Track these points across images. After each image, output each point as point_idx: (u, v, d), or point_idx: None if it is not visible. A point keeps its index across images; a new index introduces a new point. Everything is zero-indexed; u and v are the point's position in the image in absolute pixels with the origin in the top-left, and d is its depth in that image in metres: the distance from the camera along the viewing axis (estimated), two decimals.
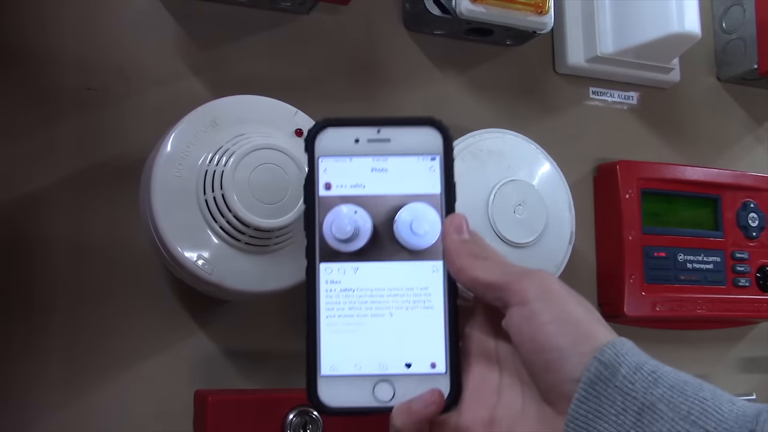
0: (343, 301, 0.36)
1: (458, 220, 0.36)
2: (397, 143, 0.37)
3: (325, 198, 0.37)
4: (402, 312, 0.36)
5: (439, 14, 0.65)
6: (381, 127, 0.37)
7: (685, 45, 0.72)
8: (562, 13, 0.74)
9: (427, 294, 0.37)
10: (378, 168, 0.37)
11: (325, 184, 0.37)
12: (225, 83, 0.60)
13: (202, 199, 0.48)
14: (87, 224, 0.55)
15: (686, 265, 0.73)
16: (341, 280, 0.36)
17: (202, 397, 0.52)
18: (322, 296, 0.36)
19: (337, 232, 0.36)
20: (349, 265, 0.36)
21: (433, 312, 0.36)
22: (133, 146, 0.56)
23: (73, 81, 0.56)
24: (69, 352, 0.54)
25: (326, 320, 0.36)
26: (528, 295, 0.33)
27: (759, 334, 0.82)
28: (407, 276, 0.37)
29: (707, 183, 0.76)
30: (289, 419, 0.51)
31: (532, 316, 0.33)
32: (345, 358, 0.36)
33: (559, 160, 0.65)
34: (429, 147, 0.37)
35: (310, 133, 0.37)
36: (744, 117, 0.85)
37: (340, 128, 0.37)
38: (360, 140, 0.37)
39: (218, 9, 0.61)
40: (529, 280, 0.34)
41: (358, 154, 0.37)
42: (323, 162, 0.37)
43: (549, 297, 0.33)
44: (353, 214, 0.37)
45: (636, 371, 0.31)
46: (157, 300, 0.57)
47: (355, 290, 0.36)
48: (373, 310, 0.36)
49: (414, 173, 0.37)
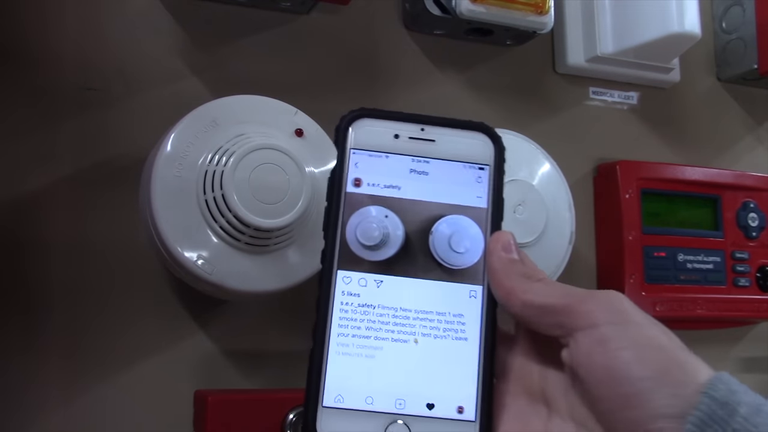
0: (360, 318, 0.31)
1: (506, 238, 0.32)
2: (442, 145, 0.33)
3: (353, 195, 0.32)
4: (429, 340, 0.31)
5: (439, 14, 0.65)
6: (425, 125, 0.33)
7: (685, 45, 0.72)
8: (562, 13, 0.74)
9: (461, 322, 0.32)
10: (418, 170, 0.33)
11: (354, 180, 0.32)
12: (225, 83, 0.60)
13: (202, 199, 0.48)
14: (87, 224, 0.55)
15: (686, 265, 0.73)
16: (361, 293, 0.31)
17: (202, 397, 0.52)
18: (335, 309, 0.31)
19: (363, 237, 0.32)
20: (372, 276, 0.32)
21: (467, 344, 0.31)
22: (133, 146, 0.56)
23: (73, 81, 0.56)
24: (68, 352, 0.54)
25: (337, 339, 0.31)
26: (597, 317, 0.29)
27: (759, 334, 0.82)
28: (440, 298, 0.32)
29: (707, 183, 0.76)
30: (289, 419, 0.51)
31: (606, 340, 0.28)
32: (355, 388, 0.30)
33: (559, 160, 0.65)
34: (478, 155, 0.34)
35: (343, 121, 0.33)
36: (744, 117, 0.85)
37: (378, 120, 0.33)
38: (400, 136, 0.33)
39: (218, 9, 0.61)
40: (597, 301, 0.29)
41: (397, 152, 0.33)
42: (355, 155, 0.32)
43: (623, 319, 0.29)
44: (383, 217, 0.32)
45: (757, 412, 0.26)
46: (157, 300, 0.57)
47: (376, 307, 0.31)
48: (395, 334, 0.31)
49: (458, 181, 0.33)
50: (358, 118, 0.33)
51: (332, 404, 0.30)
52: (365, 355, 0.31)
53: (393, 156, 0.33)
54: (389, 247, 0.32)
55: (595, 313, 0.29)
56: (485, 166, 0.34)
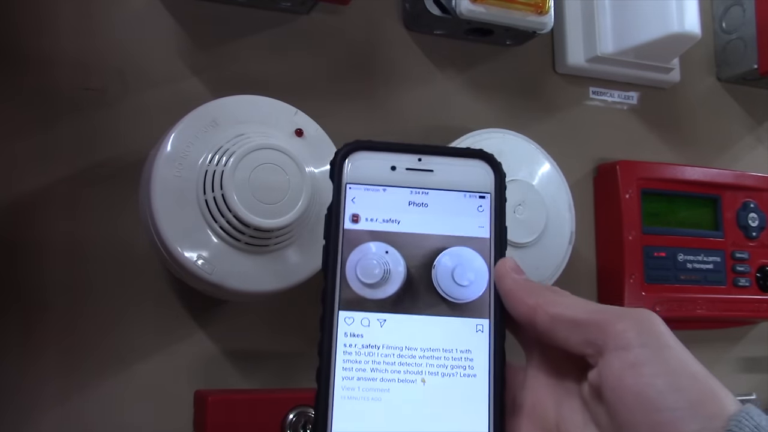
0: (365, 360, 0.30)
1: (512, 262, 0.31)
2: (440, 175, 0.32)
3: (351, 232, 0.31)
4: (437, 379, 0.30)
5: (439, 14, 0.65)
6: (422, 155, 0.32)
7: (685, 45, 0.72)
8: (562, 13, 0.74)
9: (468, 358, 0.31)
10: (417, 202, 0.32)
11: (352, 216, 0.31)
12: (225, 83, 0.60)
13: (202, 199, 0.48)
14: (86, 224, 0.55)
15: (686, 265, 0.73)
16: (364, 334, 0.30)
17: (202, 397, 0.52)
18: (338, 352, 0.30)
19: (363, 275, 0.31)
20: (375, 315, 0.31)
21: (476, 381, 0.30)
22: (133, 146, 0.56)
23: (72, 81, 0.56)
24: (68, 352, 0.54)
25: (342, 383, 0.30)
26: (631, 338, 0.27)
27: (759, 334, 0.82)
28: (446, 334, 0.31)
29: (707, 183, 0.76)
30: (289, 419, 0.51)
31: (639, 364, 0.27)
32: (364, 431, 0.30)
33: (559, 160, 0.65)
34: (478, 183, 0.33)
35: (337, 155, 0.32)
36: (744, 117, 0.85)
37: (373, 152, 0.32)
38: (397, 168, 0.32)
39: (218, 9, 0.61)
40: (631, 320, 0.28)
41: (395, 184, 0.32)
42: (351, 190, 0.32)
43: (659, 343, 0.27)
44: (384, 254, 0.31)
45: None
46: (157, 300, 0.57)
47: (380, 347, 0.31)
48: (401, 374, 0.30)
49: (459, 211, 0.32)
50: (352, 151, 0.32)
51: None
52: (371, 398, 0.30)
53: (390, 189, 0.32)
54: (391, 284, 0.31)
55: (628, 334, 0.28)
56: (486, 195, 0.33)
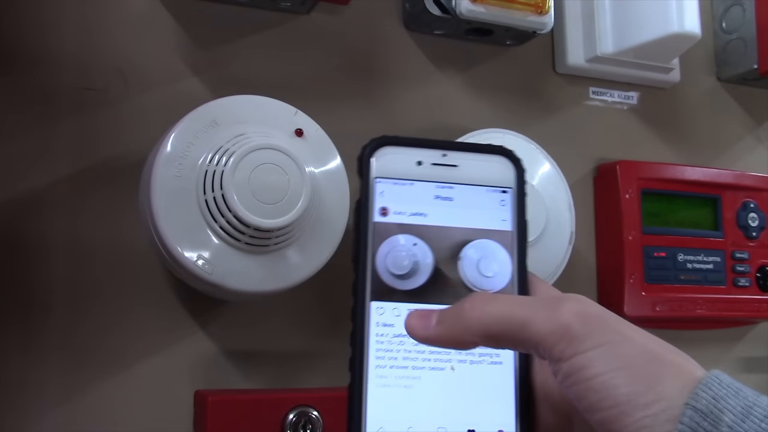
0: (396, 348, 0.31)
1: (415, 314, 0.31)
2: (465, 170, 0.33)
3: (381, 225, 0.32)
4: (465, 366, 0.31)
5: (439, 14, 0.65)
6: (447, 151, 0.33)
7: (685, 45, 0.72)
8: (562, 13, 0.74)
9: None
10: (443, 196, 0.33)
11: (381, 209, 0.32)
12: (225, 83, 0.60)
13: (202, 199, 0.48)
14: (86, 224, 0.55)
15: (686, 265, 0.73)
16: (395, 324, 0.31)
17: (202, 397, 0.52)
18: (371, 342, 0.31)
19: (393, 266, 0.31)
20: (405, 306, 0.31)
21: (502, 368, 0.31)
22: (133, 146, 0.56)
23: (73, 81, 0.56)
24: (68, 352, 0.54)
25: (375, 371, 0.30)
26: (556, 349, 0.27)
27: (759, 334, 0.82)
28: None
29: (707, 183, 0.76)
30: (289, 419, 0.51)
31: (585, 367, 0.27)
32: (397, 418, 0.30)
33: (559, 160, 0.65)
34: (501, 178, 0.34)
35: (365, 150, 0.33)
36: (744, 117, 0.85)
37: (399, 148, 0.33)
38: (423, 163, 0.33)
39: (218, 9, 0.61)
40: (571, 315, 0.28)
41: (421, 179, 0.33)
42: (380, 184, 0.32)
43: (603, 340, 0.27)
44: (412, 246, 0.32)
45: (744, 417, 0.25)
46: (157, 300, 0.57)
47: None
48: (431, 362, 0.31)
49: (483, 205, 0.33)
50: (380, 146, 0.33)
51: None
52: (404, 385, 0.31)
53: (417, 183, 0.33)
54: (420, 276, 0.32)
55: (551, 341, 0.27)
56: (508, 189, 0.34)
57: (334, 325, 0.61)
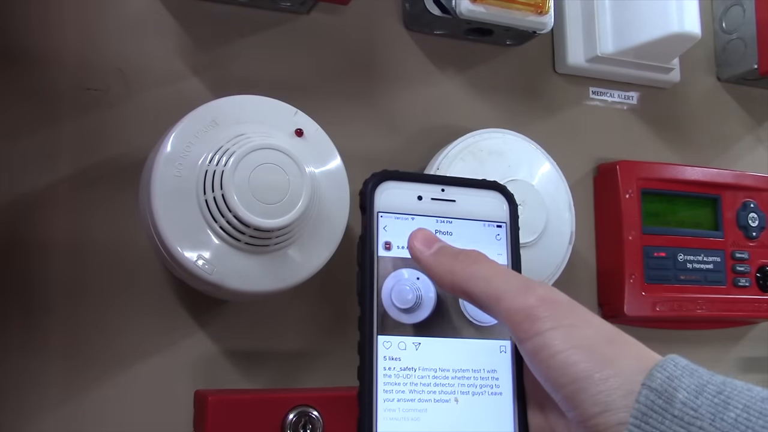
0: (403, 382, 0.31)
1: (422, 234, 0.33)
2: (462, 205, 0.34)
3: (385, 259, 0.33)
4: (468, 398, 0.32)
5: (439, 14, 0.65)
6: (445, 186, 0.34)
7: (685, 45, 0.72)
8: (562, 13, 0.74)
9: (494, 377, 0.33)
10: (442, 230, 0.34)
11: (385, 244, 0.33)
12: (225, 83, 0.60)
13: (202, 199, 0.48)
14: (87, 224, 0.55)
15: (686, 265, 0.73)
16: (401, 357, 0.32)
17: (202, 397, 0.52)
18: (380, 375, 0.31)
19: (398, 301, 0.32)
20: (411, 339, 0.32)
21: (502, 398, 0.32)
22: (133, 146, 0.56)
23: (73, 81, 0.56)
24: (68, 352, 0.54)
25: (384, 404, 0.31)
26: (526, 327, 0.29)
27: (759, 334, 0.82)
28: (474, 356, 0.33)
29: (707, 183, 0.76)
30: (289, 419, 0.51)
31: (544, 347, 0.29)
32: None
33: (559, 160, 0.65)
34: (495, 213, 0.35)
35: (367, 185, 0.33)
36: (744, 117, 0.85)
37: (400, 182, 0.34)
38: (423, 198, 0.34)
39: (218, 9, 0.61)
40: (529, 302, 0.30)
41: (421, 213, 0.34)
42: (383, 219, 0.33)
43: (561, 323, 0.29)
44: (415, 280, 0.33)
45: (698, 394, 0.26)
46: (157, 300, 0.57)
47: (417, 369, 0.32)
48: (437, 395, 0.32)
49: (480, 239, 0.34)
50: (382, 181, 0.33)
51: None
52: (411, 418, 0.31)
53: (418, 218, 0.34)
54: (423, 309, 0.33)
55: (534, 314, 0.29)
56: (502, 224, 0.35)
57: (334, 325, 0.61)
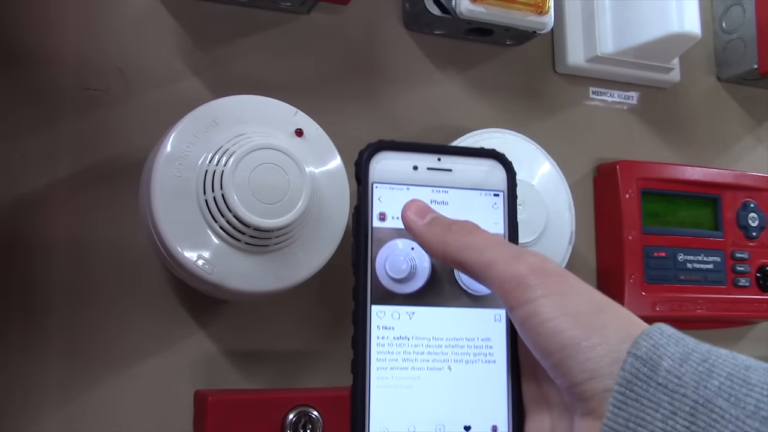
0: (396, 351, 0.32)
1: (416, 205, 0.32)
2: (458, 174, 0.34)
3: (379, 230, 0.33)
4: (461, 366, 0.32)
5: (439, 14, 0.65)
6: (441, 155, 0.34)
7: (685, 45, 0.72)
8: (562, 13, 0.74)
9: (488, 346, 0.33)
10: (438, 200, 0.33)
11: (380, 215, 0.33)
12: (225, 83, 0.60)
13: (202, 199, 0.48)
14: (87, 224, 0.55)
15: (686, 265, 0.73)
16: (395, 326, 0.32)
17: (202, 397, 0.52)
18: (373, 344, 0.31)
19: (392, 271, 0.32)
20: (405, 309, 0.32)
21: (495, 367, 0.33)
22: (133, 146, 0.56)
23: (73, 81, 0.56)
24: (68, 352, 0.54)
25: (377, 372, 0.31)
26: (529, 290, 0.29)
27: (759, 334, 0.82)
28: (468, 325, 0.33)
29: (707, 183, 0.76)
30: (289, 419, 0.51)
31: (533, 315, 0.29)
32: (398, 419, 0.31)
33: (559, 160, 0.65)
34: (493, 182, 0.34)
35: (362, 155, 0.33)
36: (744, 117, 0.85)
37: (395, 152, 0.33)
38: (419, 168, 0.33)
39: (218, 9, 0.61)
40: (519, 270, 0.30)
41: (417, 183, 0.33)
42: (378, 189, 0.33)
43: (550, 291, 0.29)
44: (410, 250, 0.33)
45: (682, 362, 0.26)
46: (157, 300, 0.57)
47: (410, 339, 0.32)
48: (430, 363, 0.32)
49: (477, 209, 0.34)
50: (377, 151, 0.33)
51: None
52: (404, 386, 0.31)
53: (414, 188, 0.33)
54: (417, 279, 0.33)
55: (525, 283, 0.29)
56: (499, 192, 0.34)
57: (334, 325, 0.61)
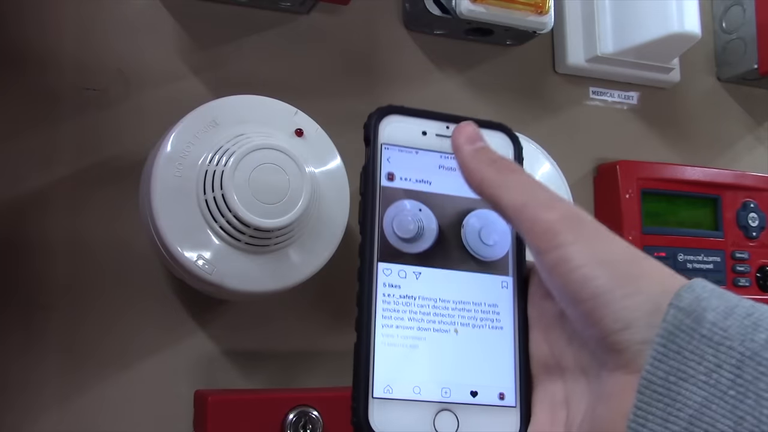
0: (402, 309, 0.31)
1: (470, 129, 0.32)
2: None
3: (387, 189, 0.33)
4: (468, 330, 0.32)
5: (439, 14, 0.65)
6: (450, 123, 0.34)
7: (685, 45, 0.72)
8: (562, 13, 0.74)
9: (496, 312, 0.32)
10: (446, 166, 0.34)
11: (388, 174, 0.33)
12: (225, 83, 0.60)
13: (202, 199, 0.48)
14: (87, 224, 0.55)
15: (686, 265, 0.73)
16: (401, 285, 0.32)
17: (202, 397, 0.52)
18: (378, 301, 0.31)
19: (399, 230, 0.32)
20: (411, 268, 0.32)
21: (502, 333, 0.32)
22: (133, 146, 0.56)
23: (73, 81, 0.56)
24: (68, 352, 0.54)
25: (382, 330, 0.31)
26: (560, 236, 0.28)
27: None
28: (475, 289, 0.33)
29: (707, 183, 0.76)
30: (289, 419, 0.51)
31: (567, 259, 0.27)
32: (403, 378, 0.30)
33: (559, 160, 0.65)
34: (500, 152, 0.34)
35: (372, 117, 0.33)
36: (744, 117, 0.85)
37: (405, 117, 0.34)
38: (428, 133, 0.34)
39: (218, 9, 0.61)
40: (556, 215, 0.28)
41: (425, 148, 0.33)
42: (387, 151, 0.33)
43: (584, 236, 0.28)
44: (417, 211, 0.33)
45: (727, 315, 0.25)
46: (157, 300, 0.57)
47: (416, 298, 0.32)
48: (436, 324, 0.32)
49: None
50: (386, 114, 0.33)
51: (382, 395, 0.30)
52: (409, 345, 0.31)
53: (422, 152, 0.33)
54: (425, 240, 0.32)
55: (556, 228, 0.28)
56: None
57: (335, 325, 0.61)
